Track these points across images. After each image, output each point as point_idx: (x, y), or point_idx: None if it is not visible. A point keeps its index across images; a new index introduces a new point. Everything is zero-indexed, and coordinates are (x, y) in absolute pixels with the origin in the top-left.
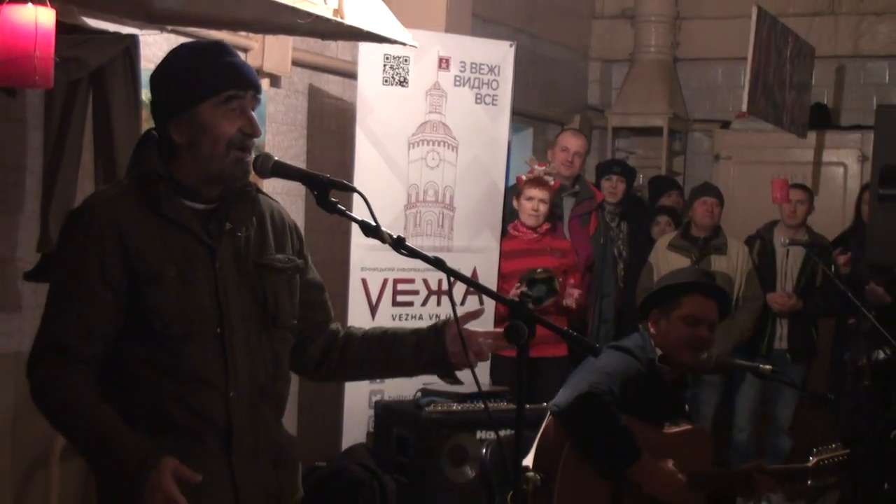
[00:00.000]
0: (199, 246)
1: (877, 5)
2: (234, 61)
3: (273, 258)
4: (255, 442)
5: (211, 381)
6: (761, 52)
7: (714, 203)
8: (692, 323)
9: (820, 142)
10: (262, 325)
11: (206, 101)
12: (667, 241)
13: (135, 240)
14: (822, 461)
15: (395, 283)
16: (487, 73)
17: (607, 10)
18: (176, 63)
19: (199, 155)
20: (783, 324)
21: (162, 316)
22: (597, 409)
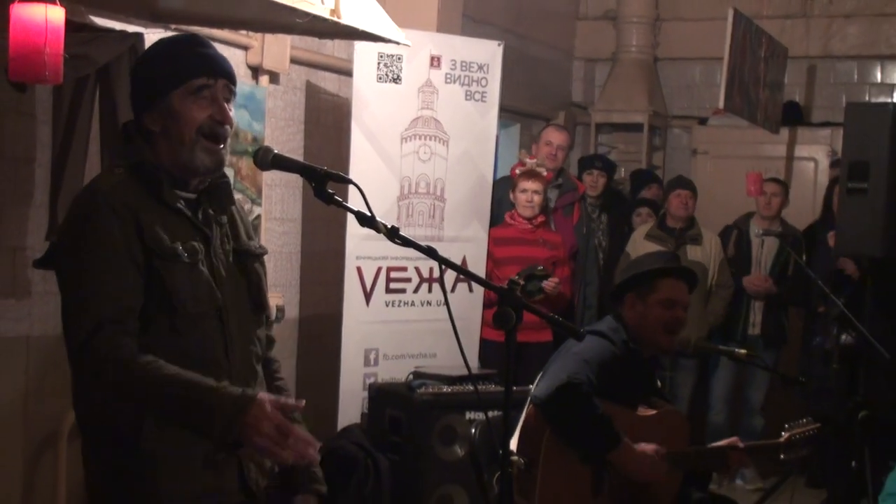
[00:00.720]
0: (196, 233)
1: (846, 9)
2: (205, 51)
3: (249, 244)
4: None
5: (217, 362)
6: (737, 52)
7: (688, 195)
8: (669, 306)
9: (792, 138)
10: (248, 309)
11: (176, 89)
12: (643, 231)
13: (147, 221)
14: (794, 435)
15: (389, 271)
16: (477, 71)
17: (591, 11)
18: (152, 55)
19: (172, 142)
20: (756, 311)
21: (180, 293)
22: (576, 400)
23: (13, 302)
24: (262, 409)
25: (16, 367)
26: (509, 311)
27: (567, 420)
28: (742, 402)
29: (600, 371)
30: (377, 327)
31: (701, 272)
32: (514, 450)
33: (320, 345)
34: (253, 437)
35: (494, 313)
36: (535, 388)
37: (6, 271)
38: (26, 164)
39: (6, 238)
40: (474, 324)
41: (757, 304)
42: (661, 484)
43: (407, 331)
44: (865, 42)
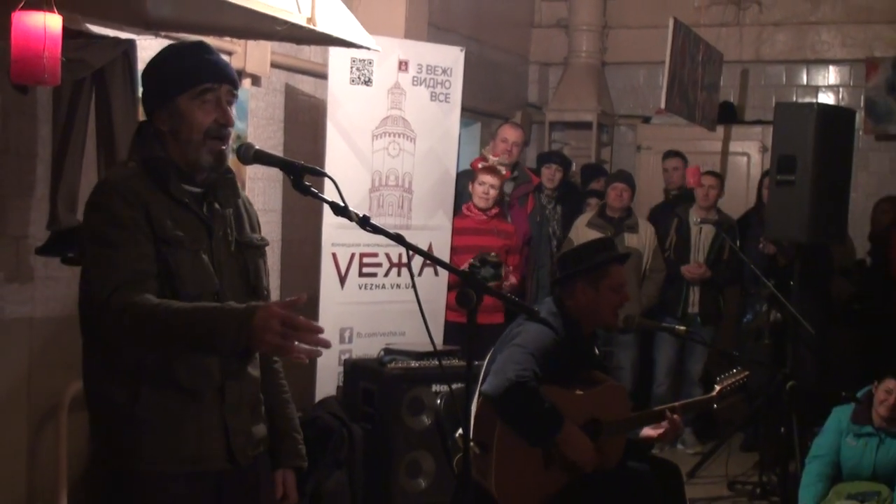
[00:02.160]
0: (199, 223)
1: (775, 18)
2: (210, 58)
3: (252, 237)
4: (240, 396)
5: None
6: (677, 57)
7: (624, 188)
8: (618, 290)
9: (727, 135)
10: (244, 295)
11: (183, 93)
12: (585, 219)
13: (154, 210)
14: (725, 387)
15: (362, 256)
16: (441, 75)
17: (544, 20)
18: (161, 60)
19: (180, 141)
20: (695, 291)
21: (181, 276)
22: (523, 396)
23: (17, 286)
24: (268, 310)
25: (20, 346)
26: (470, 291)
27: (516, 415)
28: (682, 374)
29: (544, 359)
30: (351, 308)
31: (636, 257)
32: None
33: None
34: (264, 336)
35: (457, 294)
36: (484, 383)
37: (10, 258)
38: (28, 159)
39: (10, 227)
40: (440, 305)
41: (695, 285)
42: (604, 450)
43: (378, 311)
44: (792, 48)
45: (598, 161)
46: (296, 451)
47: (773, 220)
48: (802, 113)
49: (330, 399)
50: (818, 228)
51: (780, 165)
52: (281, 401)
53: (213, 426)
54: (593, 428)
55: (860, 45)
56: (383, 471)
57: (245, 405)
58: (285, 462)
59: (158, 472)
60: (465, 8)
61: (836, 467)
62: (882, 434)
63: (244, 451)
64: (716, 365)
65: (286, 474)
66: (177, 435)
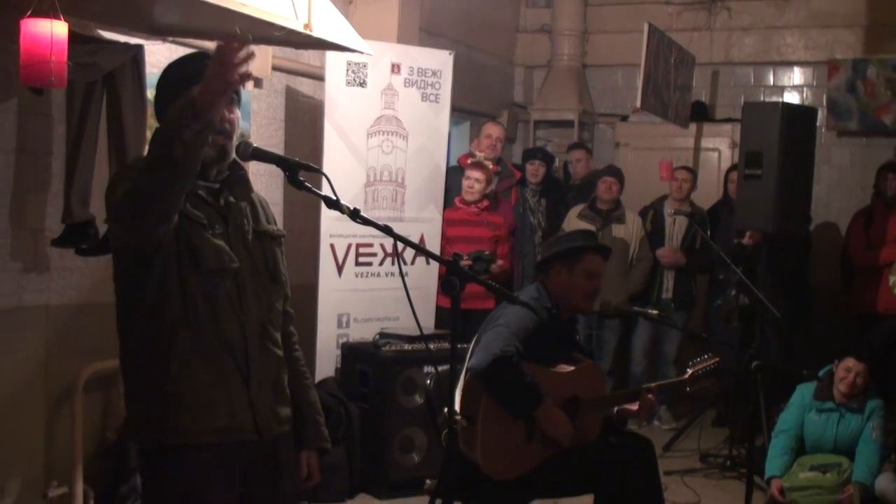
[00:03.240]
0: (216, 214)
1: (743, 23)
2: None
3: (269, 227)
4: (264, 373)
5: (233, 317)
6: (652, 60)
7: (612, 182)
8: (590, 276)
9: (699, 132)
10: (263, 280)
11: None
12: (577, 211)
13: None
14: (697, 371)
15: (358, 247)
16: (431, 77)
17: (529, 25)
18: (168, 69)
19: None
20: (669, 279)
21: (203, 252)
22: (507, 370)
23: (34, 276)
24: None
25: (37, 332)
26: (454, 279)
27: (500, 387)
28: (658, 355)
29: (526, 338)
30: (348, 295)
31: (623, 247)
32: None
33: (300, 310)
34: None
35: (442, 282)
36: (471, 359)
37: (28, 249)
38: (44, 157)
39: (28, 221)
40: (431, 291)
41: (669, 272)
42: (583, 427)
43: (373, 298)
44: (760, 51)
45: None
46: (320, 433)
47: (742, 211)
48: (769, 111)
49: (329, 380)
50: (783, 218)
51: (748, 160)
52: (304, 386)
53: (240, 400)
54: (572, 405)
55: (822, 48)
56: (378, 446)
57: (268, 382)
58: (310, 444)
59: (191, 445)
60: (454, 14)
61: (799, 441)
62: (842, 409)
63: (269, 426)
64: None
65: (310, 455)
66: (207, 408)
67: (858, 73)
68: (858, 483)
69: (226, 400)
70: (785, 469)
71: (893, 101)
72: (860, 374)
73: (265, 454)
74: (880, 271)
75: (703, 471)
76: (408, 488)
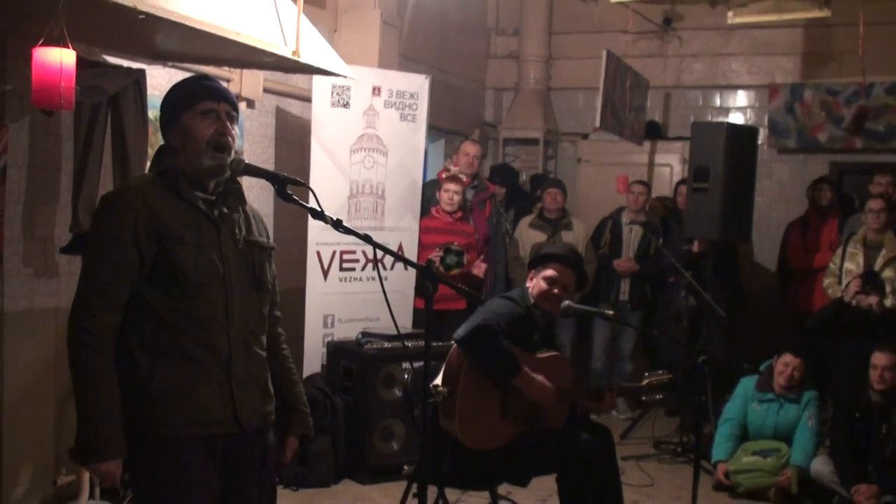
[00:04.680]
0: (208, 222)
1: (692, 50)
2: (210, 83)
3: (259, 238)
4: (248, 373)
5: (218, 320)
6: (610, 83)
7: (557, 192)
8: (550, 283)
9: (653, 149)
10: (251, 286)
11: (187, 111)
12: (527, 221)
13: (161, 213)
14: (652, 382)
15: (342, 254)
16: (409, 98)
17: (498, 52)
18: (171, 91)
19: (188, 153)
20: (625, 282)
21: (184, 268)
22: (488, 336)
23: (45, 280)
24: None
25: (48, 333)
26: (427, 283)
27: (480, 352)
28: (616, 351)
29: (508, 323)
30: (333, 298)
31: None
32: (439, 382)
33: (289, 312)
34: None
35: (416, 285)
36: (458, 330)
37: (39, 256)
38: (53, 171)
39: (39, 230)
40: (408, 294)
41: (624, 277)
42: (552, 411)
43: (356, 300)
44: (707, 76)
45: (545, 171)
46: (305, 422)
47: (690, 220)
48: (715, 130)
49: (315, 375)
50: (728, 228)
51: (696, 174)
52: (291, 381)
53: (222, 396)
54: None
55: (764, 73)
56: (361, 436)
57: (253, 381)
58: (295, 431)
59: (173, 436)
60: (430, 41)
61: (743, 428)
62: (781, 400)
63: (251, 421)
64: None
65: (294, 441)
66: (189, 403)
67: (796, 96)
68: (796, 466)
69: (207, 397)
70: (730, 454)
71: (827, 122)
72: (797, 368)
73: (247, 443)
74: (815, 274)
75: (657, 456)
76: (388, 474)
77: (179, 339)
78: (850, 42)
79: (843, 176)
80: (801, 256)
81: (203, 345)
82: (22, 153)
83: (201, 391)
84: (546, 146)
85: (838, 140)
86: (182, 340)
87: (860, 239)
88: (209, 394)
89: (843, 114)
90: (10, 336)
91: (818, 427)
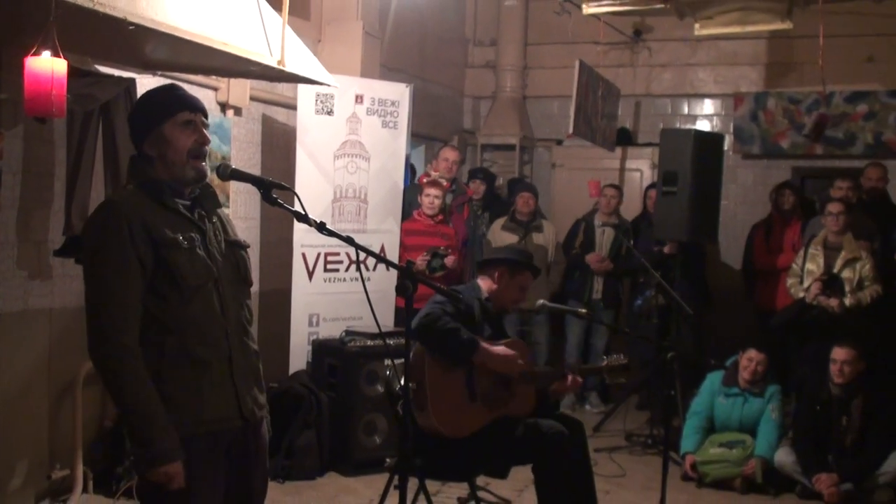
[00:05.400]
0: (193, 227)
1: (661, 61)
2: (185, 94)
3: (237, 238)
4: (246, 367)
5: (216, 319)
6: (583, 92)
7: (529, 196)
8: (521, 290)
9: (624, 154)
10: (237, 283)
11: (167, 121)
12: (500, 223)
13: (152, 221)
14: (610, 364)
15: (326, 255)
16: (391, 106)
17: (476, 61)
18: (145, 100)
19: (167, 162)
20: (598, 281)
21: (181, 270)
22: (437, 319)
23: (39, 282)
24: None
25: (42, 332)
26: (407, 283)
27: (434, 337)
28: (589, 347)
29: (453, 311)
30: (318, 297)
31: (543, 252)
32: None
33: (275, 311)
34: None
35: (396, 284)
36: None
37: (33, 259)
38: (47, 177)
39: (33, 234)
40: (390, 294)
41: (599, 276)
42: (519, 395)
43: (340, 300)
44: (676, 85)
45: (521, 176)
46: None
47: (660, 223)
48: (683, 137)
49: (301, 372)
50: (695, 230)
51: (665, 179)
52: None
53: (226, 391)
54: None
55: (729, 82)
56: (345, 430)
57: (251, 374)
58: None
59: (185, 437)
60: (411, 52)
61: (710, 421)
62: (746, 394)
63: (253, 413)
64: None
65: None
66: (198, 402)
67: (760, 104)
68: (760, 457)
69: (214, 395)
70: (697, 446)
71: (790, 129)
72: (761, 363)
73: (250, 436)
74: (778, 274)
75: (628, 448)
76: (371, 466)
77: (183, 342)
78: (811, 53)
79: (805, 180)
80: (765, 257)
81: (205, 344)
82: (16, 160)
83: (208, 390)
84: (522, 152)
85: (800, 146)
86: (185, 342)
87: (821, 241)
88: (216, 391)
89: (804, 121)
90: (6, 336)
91: (781, 419)
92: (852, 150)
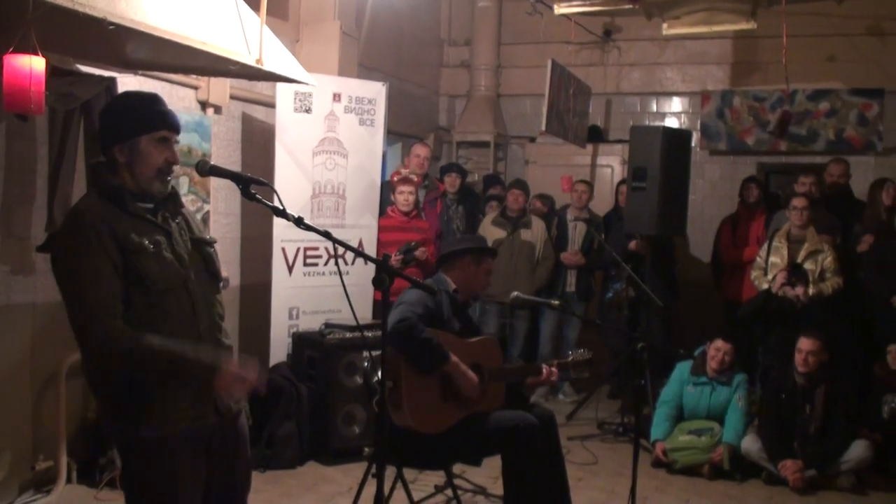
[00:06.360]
0: (158, 231)
1: (631, 60)
2: (168, 110)
3: (202, 236)
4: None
5: (188, 319)
6: (555, 90)
7: (519, 193)
8: (488, 274)
9: (595, 151)
10: (207, 280)
11: (145, 135)
12: (490, 219)
13: (119, 229)
14: (576, 358)
15: (306, 250)
16: (367, 104)
17: (451, 61)
18: (125, 104)
19: (134, 172)
20: (571, 275)
21: (150, 275)
22: (408, 329)
23: (22, 278)
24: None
25: (25, 326)
26: (383, 276)
27: (406, 346)
28: (562, 339)
29: (425, 310)
30: (298, 291)
31: (530, 248)
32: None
33: (256, 305)
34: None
35: (373, 278)
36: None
37: (16, 255)
38: (29, 174)
39: (15, 230)
40: (368, 287)
41: (570, 269)
42: (490, 392)
43: (320, 293)
44: (645, 83)
45: (495, 172)
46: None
47: (630, 217)
48: (652, 134)
49: (281, 364)
50: (664, 224)
51: (635, 175)
52: None
53: (200, 388)
54: (476, 371)
55: (696, 81)
56: (325, 420)
57: None
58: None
59: (161, 436)
60: (387, 51)
61: (679, 410)
62: (714, 383)
63: (228, 406)
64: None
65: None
66: (174, 401)
67: (726, 102)
68: (728, 444)
69: (190, 395)
70: (667, 434)
71: (755, 126)
72: (727, 352)
73: (227, 432)
74: (744, 267)
75: (600, 436)
76: (350, 455)
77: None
78: (775, 52)
79: (770, 176)
80: (732, 250)
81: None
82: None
83: (182, 389)
84: (496, 149)
85: (765, 143)
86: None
87: (784, 234)
88: (190, 390)
89: (768, 118)
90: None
91: (747, 407)
92: (815, 147)
